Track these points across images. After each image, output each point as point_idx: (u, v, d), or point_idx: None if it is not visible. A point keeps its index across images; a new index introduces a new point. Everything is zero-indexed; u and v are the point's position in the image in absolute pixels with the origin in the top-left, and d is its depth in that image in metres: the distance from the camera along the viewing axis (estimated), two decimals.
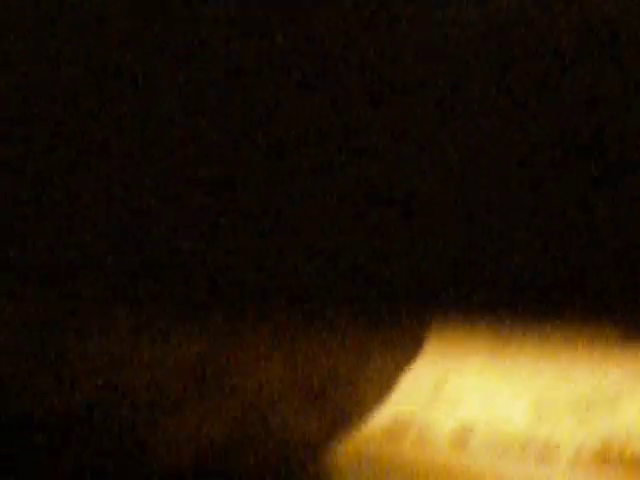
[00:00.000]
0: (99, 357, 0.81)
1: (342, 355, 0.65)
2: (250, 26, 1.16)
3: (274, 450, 0.64)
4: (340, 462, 0.82)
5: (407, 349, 0.82)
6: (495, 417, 0.99)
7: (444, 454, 0.91)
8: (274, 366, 0.76)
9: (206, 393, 0.66)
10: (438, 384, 1.14)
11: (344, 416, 0.68)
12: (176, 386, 0.67)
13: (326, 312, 0.72)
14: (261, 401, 0.61)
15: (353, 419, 0.69)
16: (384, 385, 0.75)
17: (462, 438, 0.95)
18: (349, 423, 0.68)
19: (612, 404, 1.02)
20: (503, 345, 1.46)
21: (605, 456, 0.84)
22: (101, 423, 0.58)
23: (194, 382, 0.69)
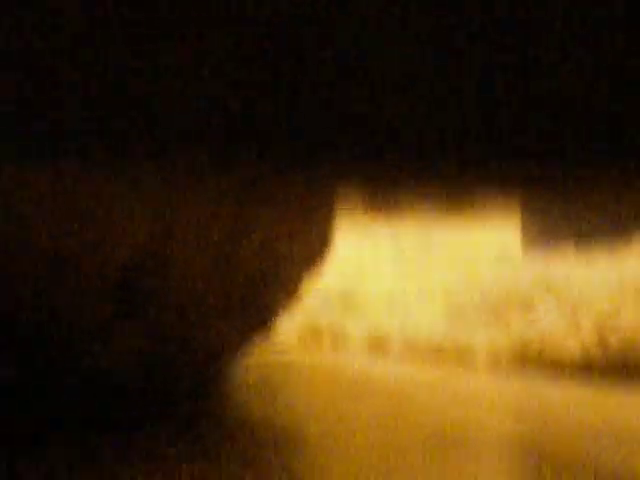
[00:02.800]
0: None
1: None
2: None
3: (192, 357, 0.62)
4: (257, 370, 0.79)
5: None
6: (408, 323, 0.97)
7: (361, 359, 0.88)
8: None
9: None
10: (348, 292, 1.11)
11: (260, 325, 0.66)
12: None
13: None
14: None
15: (269, 327, 0.67)
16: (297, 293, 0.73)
17: (377, 344, 0.92)
18: (265, 332, 0.66)
19: (525, 308, 1.01)
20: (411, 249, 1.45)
21: (522, 357, 0.83)
22: None
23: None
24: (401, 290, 1.11)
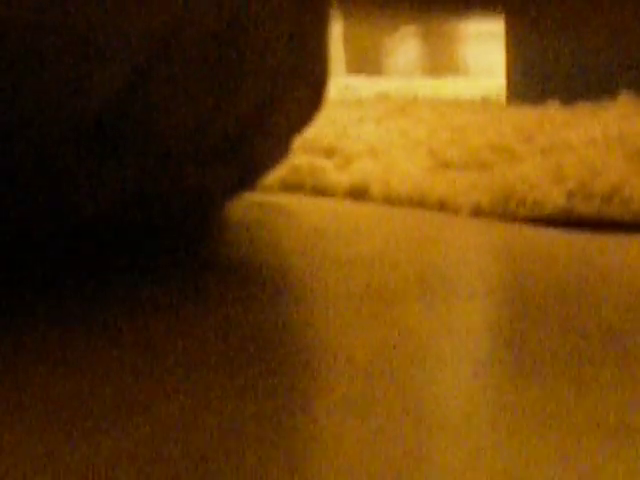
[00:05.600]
0: None
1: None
2: None
3: (183, 200, 0.62)
4: (239, 209, 0.79)
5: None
6: (391, 172, 0.97)
7: (342, 202, 0.88)
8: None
9: None
10: (333, 139, 1.11)
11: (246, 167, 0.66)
12: None
13: None
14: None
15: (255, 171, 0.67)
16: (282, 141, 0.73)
17: (359, 189, 0.92)
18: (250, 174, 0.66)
19: (508, 160, 1.00)
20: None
21: (505, 206, 0.83)
22: None
23: None
24: (384, 146, 1.11)
